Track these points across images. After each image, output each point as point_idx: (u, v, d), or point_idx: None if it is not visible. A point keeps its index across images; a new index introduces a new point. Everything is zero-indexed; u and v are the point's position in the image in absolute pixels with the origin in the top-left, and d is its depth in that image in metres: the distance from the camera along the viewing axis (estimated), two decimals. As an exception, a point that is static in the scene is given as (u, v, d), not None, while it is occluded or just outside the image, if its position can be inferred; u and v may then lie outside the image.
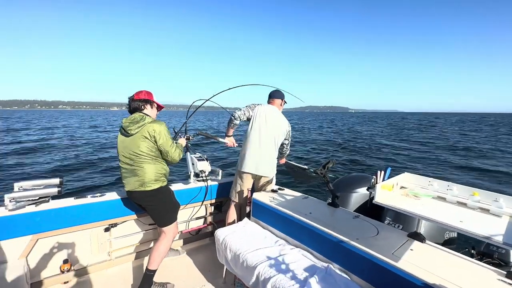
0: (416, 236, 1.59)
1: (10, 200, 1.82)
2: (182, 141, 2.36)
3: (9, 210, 1.83)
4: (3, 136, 17.20)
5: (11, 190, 1.89)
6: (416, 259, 1.37)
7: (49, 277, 2.04)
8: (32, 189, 1.93)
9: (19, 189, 1.90)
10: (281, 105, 2.69)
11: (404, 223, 2.19)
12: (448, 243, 2.17)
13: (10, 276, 1.66)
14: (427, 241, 1.57)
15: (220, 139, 2.70)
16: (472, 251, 2.02)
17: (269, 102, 2.69)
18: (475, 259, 1.64)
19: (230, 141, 2.71)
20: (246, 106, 2.54)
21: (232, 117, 2.51)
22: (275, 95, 2.68)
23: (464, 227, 1.19)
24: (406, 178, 1.78)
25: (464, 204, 1.49)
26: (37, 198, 1.93)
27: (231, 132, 2.68)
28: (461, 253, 1.47)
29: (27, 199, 1.90)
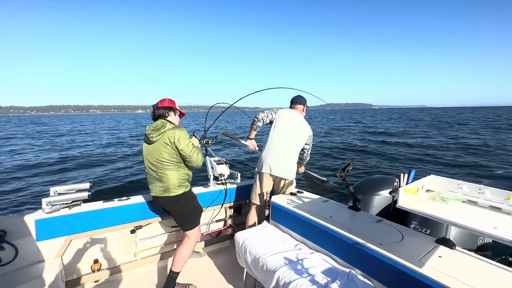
0: (445, 242, 1.50)
1: (46, 204, 1.97)
2: (195, 141, 2.32)
3: (46, 213, 1.98)
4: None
5: (47, 194, 2.05)
6: (445, 266, 1.30)
7: (82, 276, 2.18)
8: (66, 193, 2.08)
9: (54, 194, 2.05)
10: (303, 110, 2.71)
11: (432, 228, 2.08)
12: (481, 250, 2.03)
13: (47, 274, 1.80)
14: (457, 248, 1.48)
15: (243, 141, 2.76)
16: (511, 258, 1.87)
17: (291, 107, 2.71)
18: None
19: (251, 144, 2.75)
20: (269, 109, 2.59)
21: (256, 119, 2.55)
22: (297, 100, 2.70)
23: (498, 234, 1.11)
24: (432, 180, 1.69)
25: (498, 209, 1.38)
26: (70, 201, 2.08)
27: (253, 134, 2.71)
28: (496, 261, 1.37)
29: (61, 202, 2.05)
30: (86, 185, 2.16)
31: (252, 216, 2.62)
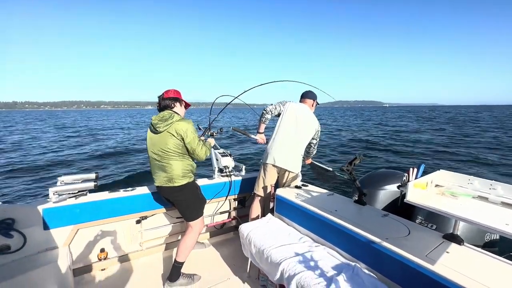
0: (453, 238, 1.48)
1: (53, 193, 2.00)
2: (211, 141, 2.39)
3: (54, 202, 2.00)
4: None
5: (54, 183, 2.07)
6: (453, 262, 1.28)
7: (89, 264, 2.22)
8: (72, 183, 2.10)
9: (61, 183, 2.07)
10: (312, 105, 2.70)
11: (438, 223, 2.05)
12: (488, 246, 2.01)
13: (55, 262, 1.83)
14: (465, 244, 1.46)
15: (252, 136, 2.76)
16: None
17: (301, 101, 2.70)
18: None
19: (261, 138, 2.74)
20: (278, 102, 2.58)
21: (264, 111, 2.57)
22: (307, 95, 2.71)
23: (511, 231, 1.08)
24: (442, 175, 1.66)
25: (510, 205, 1.35)
26: (76, 191, 2.10)
27: (262, 128, 2.71)
28: (504, 257, 1.35)
29: (68, 192, 2.07)
30: (92, 175, 2.18)
31: (255, 208, 2.62)
